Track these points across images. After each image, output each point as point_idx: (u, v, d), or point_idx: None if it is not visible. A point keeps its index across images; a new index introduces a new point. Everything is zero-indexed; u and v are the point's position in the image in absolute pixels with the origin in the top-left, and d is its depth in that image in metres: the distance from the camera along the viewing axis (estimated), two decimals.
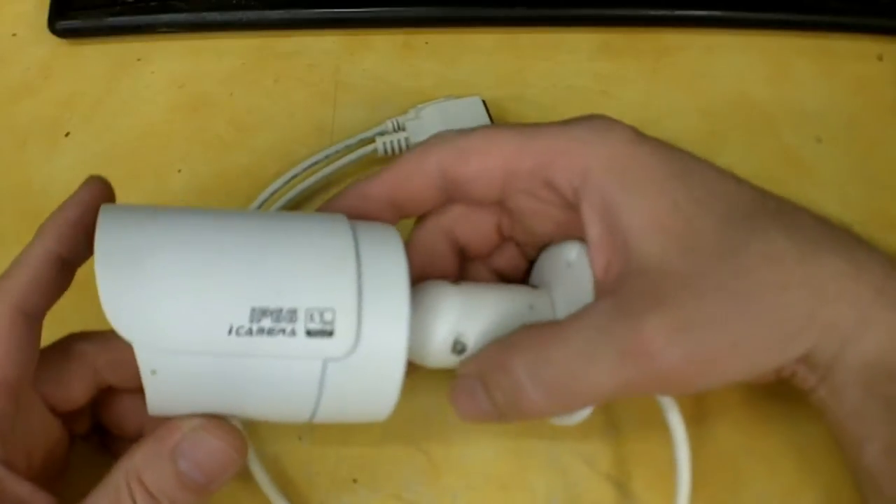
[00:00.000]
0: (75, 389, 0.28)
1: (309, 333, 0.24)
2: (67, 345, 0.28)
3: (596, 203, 0.26)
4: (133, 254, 0.24)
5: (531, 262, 0.31)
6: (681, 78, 0.41)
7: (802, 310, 0.24)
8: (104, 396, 0.29)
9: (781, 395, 0.32)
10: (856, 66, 0.41)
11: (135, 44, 0.42)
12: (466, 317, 0.28)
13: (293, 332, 0.24)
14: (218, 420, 0.25)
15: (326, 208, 0.29)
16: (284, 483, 0.31)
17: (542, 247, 0.30)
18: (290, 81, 0.41)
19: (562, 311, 0.28)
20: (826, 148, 0.39)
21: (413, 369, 0.27)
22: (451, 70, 0.42)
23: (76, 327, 0.29)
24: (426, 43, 0.42)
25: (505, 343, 0.27)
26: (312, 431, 0.32)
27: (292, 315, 0.24)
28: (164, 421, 0.25)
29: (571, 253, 0.28)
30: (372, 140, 0.38)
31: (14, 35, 0.43)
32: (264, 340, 0.24)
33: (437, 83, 0.41)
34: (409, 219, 0.30)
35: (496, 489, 0.31)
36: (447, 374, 0.33)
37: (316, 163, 0.38)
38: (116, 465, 0.25)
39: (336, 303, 0.24)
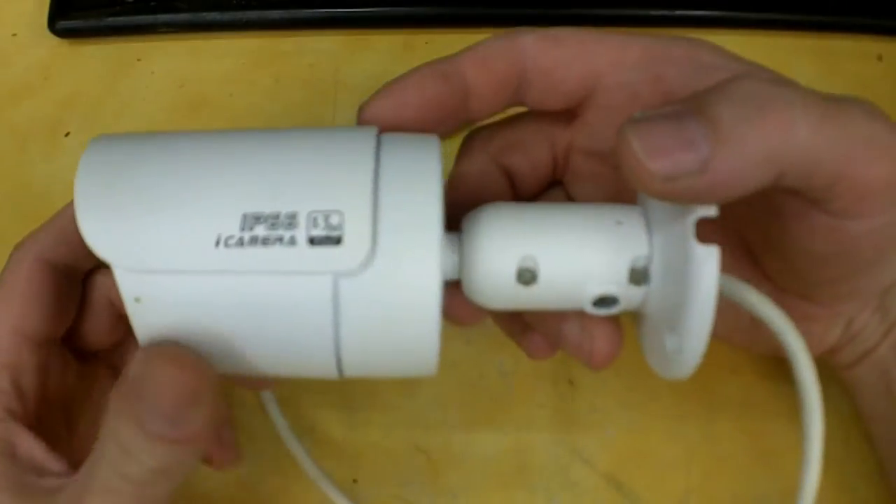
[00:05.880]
0: (106, 335, 0.26)
1: (312, 241, 0.20)
2: (88, 290, 0.26)
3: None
4: (112, 174, 0.21)
5: None
6: None
7: None
8: None
9: (782, 394, 0.32)
10: (856, 66, 0.41)
11: (135, 44, 0.42)
12: (536, 235, 0.22)
13: (292, 241, 0.20)
14: (174, 349, 0.21)
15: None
16: (284, 482, 0.31)
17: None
18: (290, 81, 0.41)
19: (659, 228, 0.22)
20: None
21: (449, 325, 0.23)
22: None
23: None
24: (426, 43, 0.42)
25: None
26: (313, 430, 0.32)
27: (291, 220, 0.20)
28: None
29: None
30: None
31: (14, 35, 0.43)
32: (258, 252, 0.20)
33: None
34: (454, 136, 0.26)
35: (496, 489, 0.31)
36: (449, 373, 0.33)
37: None
38: (104, 421, 0.22)
39: (345, 204, 0.20)
